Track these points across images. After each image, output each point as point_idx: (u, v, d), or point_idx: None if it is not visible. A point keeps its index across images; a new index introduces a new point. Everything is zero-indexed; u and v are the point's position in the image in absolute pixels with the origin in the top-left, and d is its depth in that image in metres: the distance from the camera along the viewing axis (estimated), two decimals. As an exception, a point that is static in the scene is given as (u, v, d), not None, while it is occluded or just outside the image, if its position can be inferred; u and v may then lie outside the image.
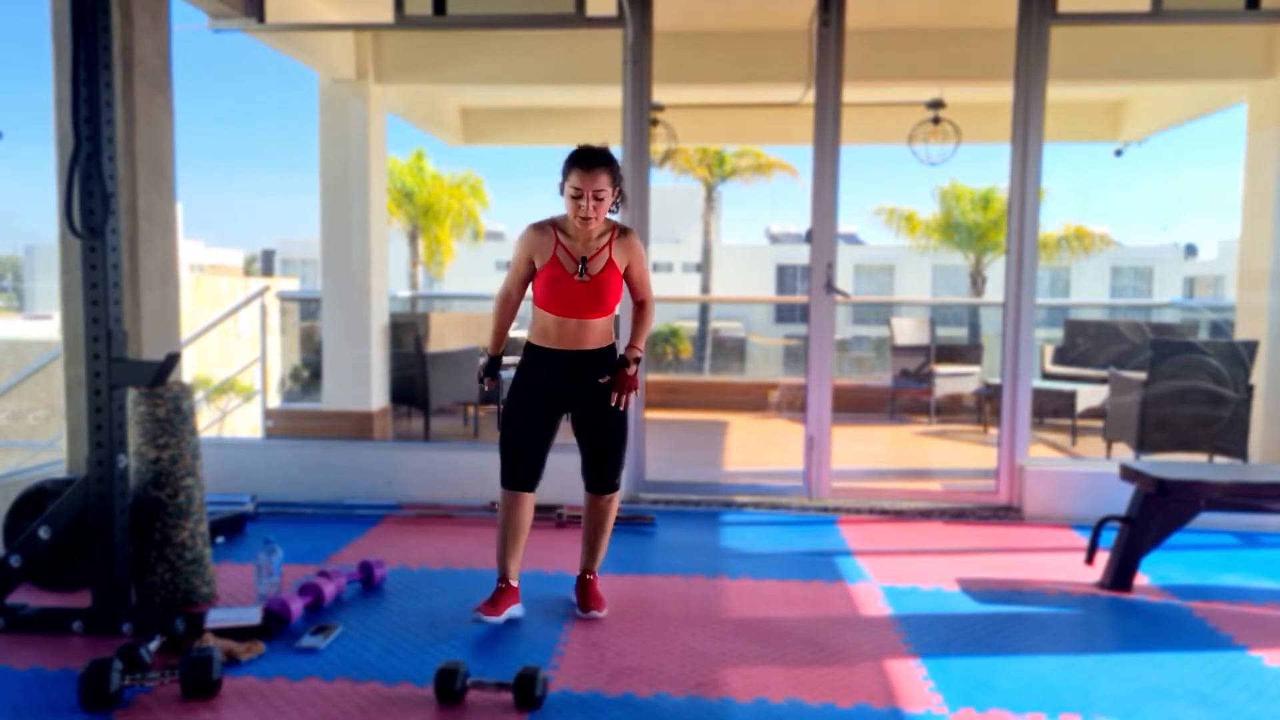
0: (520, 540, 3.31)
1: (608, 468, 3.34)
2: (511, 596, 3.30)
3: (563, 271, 3.14)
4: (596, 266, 3.15)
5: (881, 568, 3.97)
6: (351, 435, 6.42)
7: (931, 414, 8.00)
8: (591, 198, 3.04)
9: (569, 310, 3.17)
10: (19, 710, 2.62)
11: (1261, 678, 2.92)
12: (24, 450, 6.96)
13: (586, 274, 3.13)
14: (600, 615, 3.36)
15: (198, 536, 3.49)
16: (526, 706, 2.63)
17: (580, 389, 3.25)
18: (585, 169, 3.04)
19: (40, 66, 3.91)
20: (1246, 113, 6.18)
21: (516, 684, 2.64)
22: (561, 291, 3.15)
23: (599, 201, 3.05)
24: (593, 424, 3.29)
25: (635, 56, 4.78)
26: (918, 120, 7.48)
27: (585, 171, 3.04)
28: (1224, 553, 4.28)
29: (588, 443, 3.32)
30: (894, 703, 2.71)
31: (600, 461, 3.33)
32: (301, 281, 22.73)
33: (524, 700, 2.63)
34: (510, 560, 3.31)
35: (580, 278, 3.13)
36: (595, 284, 3.15)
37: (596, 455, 3.32)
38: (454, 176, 20.60)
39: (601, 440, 3.30)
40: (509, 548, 3.30)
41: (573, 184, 3.05)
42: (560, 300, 3.16)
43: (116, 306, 3.11)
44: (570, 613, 3.38)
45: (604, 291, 3.16)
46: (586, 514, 3.43)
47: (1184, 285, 31.80)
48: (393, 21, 4.98)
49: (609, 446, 3.31)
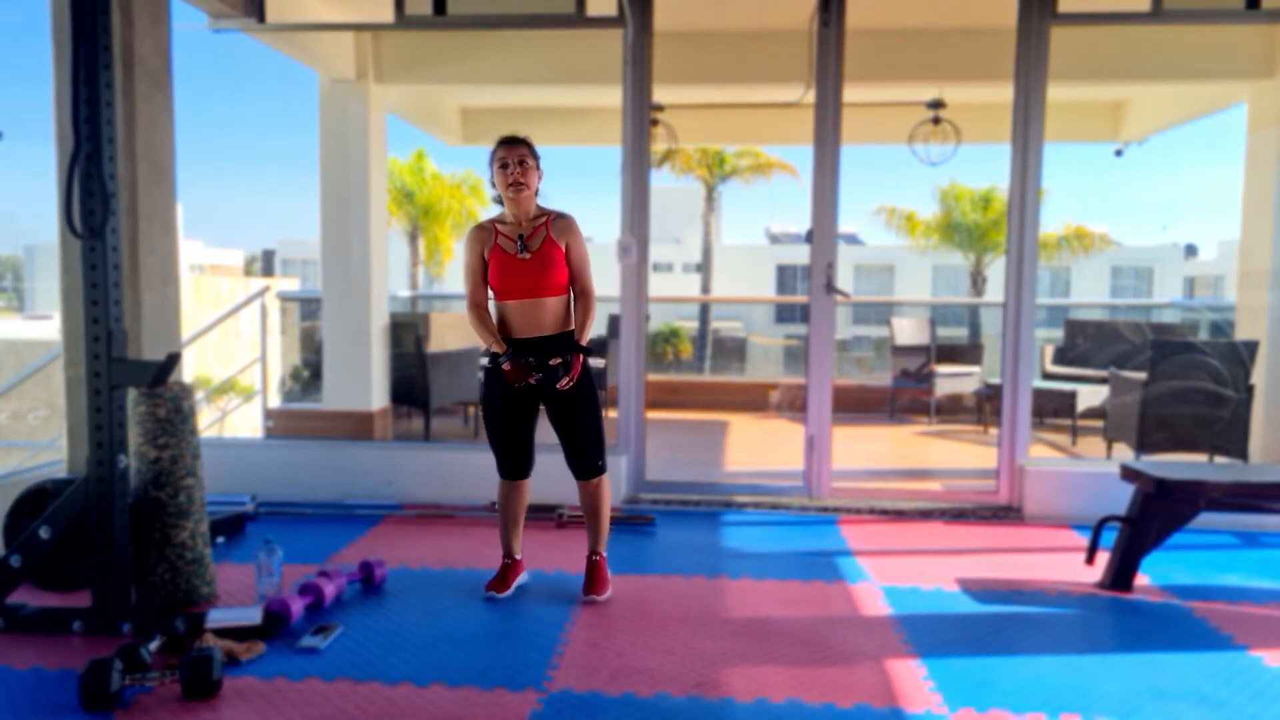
0: (519, 521, 3.64)
1: (584, 453, 3.51)
2: (516, 569, 3.65)
3: (505, 254, 3.37)
4: (535, 243, 3.37)
5: (882, 568, 3.97)
6: (352, 435, 6.42)
7: (932, 414, 8.00)
8: (516, 164, 3.32)
9: (519, 289, 3.36)
10: (19, 710, 2.62)
11: (1262, 678, 2.92)
12: (24, 450, 6.96)
13: (527, 250, 3.35)
14: (599, 600, 3.50)
15: (198, 536, 3.49)
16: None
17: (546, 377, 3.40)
18: (508, 144, 3.37)
19: (40, 66, 3.92)
20: (1246, 113, 6.18)
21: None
22: (509, 272, 3.36)
23: (524, 167, 3.32)
24: (561, 412, 3.48)
25: (635, 56, 4.78)
26: (918, 120, 7.47)
27: (508, 146, 3.37)
28: (1224, 553, 4.28)
29: (561, 431, 3.52)
30: (894, 703, 2.71)
31: (576, 448, 3.51)
32: (302, 281, 22.71)
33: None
34: (512, 539, 3.64)
35: (522, 254, 3.35)
36: (537, 259, 3.35)
37: (571, 442, 3.51)
38: (454, 176, 20.59)
39: (572, 427, 3.48)
40: (508, 529, 3.63)
41: (499, 158, 3.35)
42: (510, 281, 3.36)
43: (116, 306, 3.11)
44: (572, 610, 3.38)
45: (548, 265, 3.35)
46: (580, 501, 3.63)
47: (1184, 285, 31.78)
48: (393, 21, 4.99)
49: (580, 432, 3.49)
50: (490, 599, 3.51)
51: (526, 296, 3.36)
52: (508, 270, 3.36)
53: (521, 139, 3.39)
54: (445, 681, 2.81)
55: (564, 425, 3.48)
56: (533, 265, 3.34)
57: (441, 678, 2.83)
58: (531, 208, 3.39)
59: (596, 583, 3.56)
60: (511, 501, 3.60)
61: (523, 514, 3.64)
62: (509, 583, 3.58)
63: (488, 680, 2.82)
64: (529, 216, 3.39)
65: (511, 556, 3.63)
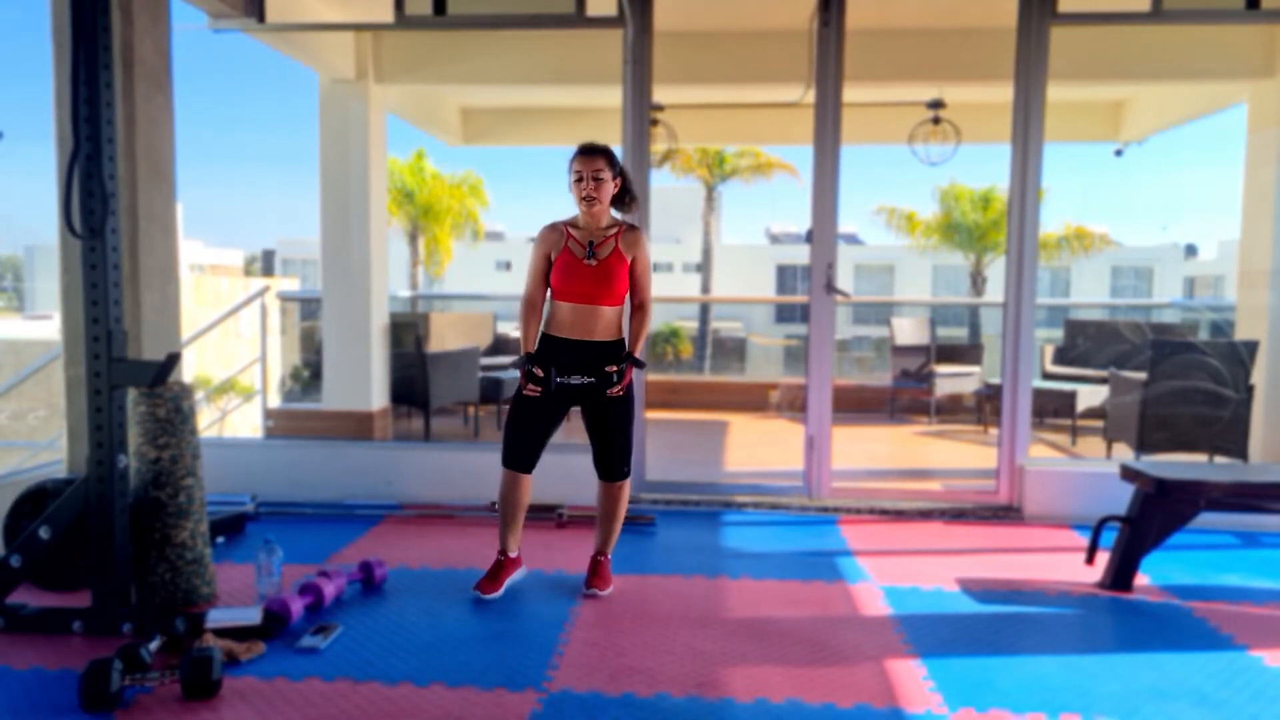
0: (519, 516, 3.59)
1: (615, 457, 3.55)
2: (511, 567, 3.61)
3: (573, 257, 3.41)
4: (604, 252, 3.41)
5: (882, 568, 3.97)
6: (352, 435, 6.42)
7: (932, 414, 8.00)
8: (591, 178, 3.36)
9: (580, 294, 3.40)
10: (19, 710, 2.62)
11: (1261, 678, 2.92)
12: (24, 450, 6.97)
13: (594, 257, 3.39)
14: (600, 594, 3.53)
15: (198, 536, 3.49)
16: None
17: (598, 383, 3.44)
18: (585, 155, 3.40)
19: (40, 66, 3.91)
20: (1246, 113, 6.18)
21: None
22: (573, 276, 3.40)
23: (598, 182, 3.36)
24: (599, 414, 3.51)
25: (635, 56, 4.78)
26: (918, 120, 7.48)
27: (584, 157, 3.39)
28: (1224, 553, 4.28)
29: (596, 432, 3.54)
30: (894, 703, 2.71)
31: (608, 451, 3.54)
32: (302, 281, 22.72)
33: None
34: (509, 535, 3.59)
35: (588, 260, 3.39)
36: (603, 268, 3.39)
37: (604, 444, 3.54)
38: (454, 176, 20.60)
39: (608, 430, 3.52)
40: (507, 524, 3.58)
41: (575, 169, 3.39)
42: (572, 284, 3.40)
43: (116, 306, 3.11)
44: (572, 610, 3.38)
45: (611, 276, 3.40)
46: (599, 501, 3.65)
47: (1184, 285, 31.78)
48: (393, 21, 4.99)
49: (615, 436, 3.52)
50: (476, 597, 3.47)
51: (585, 302, 3.41)
52: (572, 274, 3.40)
53: (600, 149, 3.40)
54: (445, 681, 2.81)
55: (601, 428, 3.52)
56: (597, 273, 3.39)
57: (441, 678, 2.83)
58: (605, 219, 3.44)
59: (598, 578, 3.59)
60: (514, 493, 3.55)
61: (523, 510, 3.60)
62: (500, 581, 3.53)
63: (488, 680, 2.82)
64: (600, 225, 3.44)
65: (507, 553, 3.59)
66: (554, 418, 3.53)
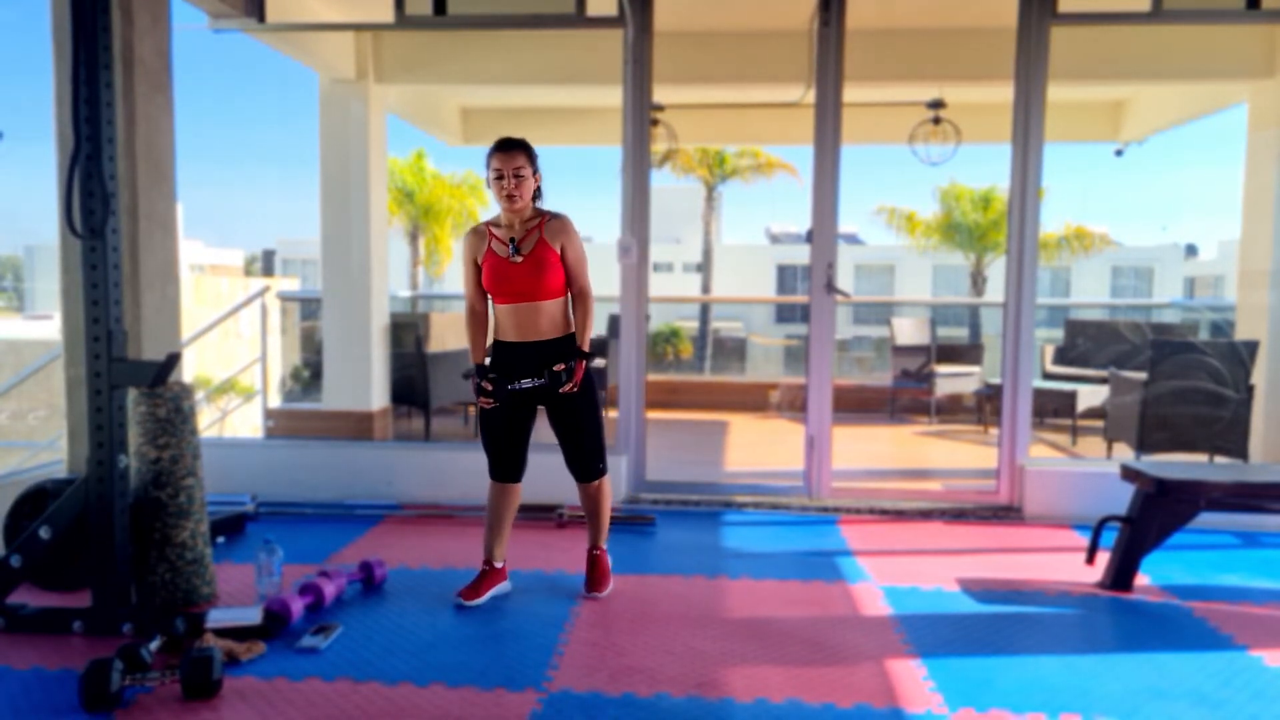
0: (505, 526, 3.55)
1: (584, 457, 3.50)
2: (495, 578, 3.54)
3: (498, 258, 3.34)
4: (528, 245, 3.33)
5: (882, 568, 3.97)
6: (352, 435, 6.42)
7: (932, 414, 8.00)
8: (511, 175, 3.26)
9: (514, 293, 3.34)
10: (19, 710, 2.62)
11: (1261, 678, 2.92)
12: (24, 450, 6.97)
13: (519, 253, 3.31)
14: (600, 596, 3.51)
15: (198, 536, 3.49)
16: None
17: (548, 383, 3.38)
18: (503, 151, 3.29)
19: (40, 66, 3.92)
20: (1246, 113, 6.19)
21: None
22: (503, 276, 3.33)
23: (519, 179, 3.27)
24: (562, 415, 3.46)
25: (635, 56, 4.78)
26: (918, 120, 7.47)
27: (503, 154, 3.28)
28: (1224, 553, 4.28)
29: (560, 434, 3.49)
30: (894, 703, 2.71)
31: (576, 451, 3.49)
32: (302, 281, 22.74)
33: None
34: (495, 544, 3.55)
35: (514, 258, 3.31)
36: (530, 262, 3.31)
37: (571, 445, 3.49)
38: (454, 176, 20.59)
39: (573, 431, 3.46)
40: (494, 532, 3.55)
41: (494, 167, 3.29)
42: (504, 285, 3.34)
43: (116, 306, 3.11)
44: (572, 610, 3.39)
45: (542, 270, 3.32)
46: (581, 502, 3.63)
47: (1184, 285, 31.78)
48: (393, 21, 4.99)
49: (581, 436, 3.47)
50: (458, 605, 3.40)
51: (521, 300, 3.33)
52: (501, 274, 3.32)
53: (517, 143, 3.31)
54: (445, 681, 2.81)
55: (564, 429, 3.46)
56: (526, 269, 3.30)
57: (441, 678, 2.83)
58: (528, 213, 3.35)
59: (598, 578, 3.57)
60: (500, 504, 3.51)
61: (510, 519, 3.55)
62: (482, 591, 3.46)
63: (488, 680, 2.82)
64: (523, 219, 3.35)
65: (491, 563, 3.53)
66: (518, 424, 3.46)
